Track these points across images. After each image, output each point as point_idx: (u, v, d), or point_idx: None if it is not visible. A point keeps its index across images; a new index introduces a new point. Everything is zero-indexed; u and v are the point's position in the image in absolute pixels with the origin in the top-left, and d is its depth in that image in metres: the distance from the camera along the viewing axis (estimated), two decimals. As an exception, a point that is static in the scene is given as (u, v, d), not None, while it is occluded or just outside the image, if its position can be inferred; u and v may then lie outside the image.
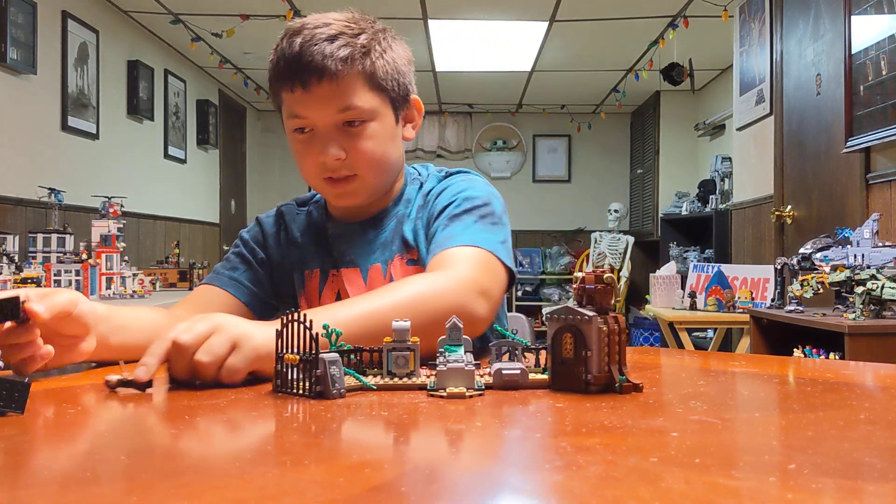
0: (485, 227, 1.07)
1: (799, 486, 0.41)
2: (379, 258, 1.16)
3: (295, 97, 1.06)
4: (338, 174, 1.09)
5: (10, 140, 3.65)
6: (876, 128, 2.67)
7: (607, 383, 0.69)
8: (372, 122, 1.09)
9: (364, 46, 1.07)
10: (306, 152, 1.09)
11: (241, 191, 7.41)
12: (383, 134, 1.11)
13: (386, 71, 1.10)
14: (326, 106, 1.05)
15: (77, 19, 4.21)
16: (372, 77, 1.08)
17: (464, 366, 0.69)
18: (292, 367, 0.69)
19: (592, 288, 0.70)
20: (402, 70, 1.13)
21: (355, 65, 1.06)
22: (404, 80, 1.14)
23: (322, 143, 1.07)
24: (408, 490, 0.41)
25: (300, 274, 1.20)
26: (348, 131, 1.07)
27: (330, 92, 1.05)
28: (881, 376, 0.85)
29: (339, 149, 1.06)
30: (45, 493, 0.42)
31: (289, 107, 1.08)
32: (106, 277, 3.39)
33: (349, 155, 1.07)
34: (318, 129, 1.07)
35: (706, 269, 3.78)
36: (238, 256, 1.22)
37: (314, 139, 1.08)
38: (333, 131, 1.07)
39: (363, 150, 1.08)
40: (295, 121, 1.08)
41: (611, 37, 5.24)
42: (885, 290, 2.02)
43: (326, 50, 1.04)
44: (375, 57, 1.08)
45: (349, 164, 1.08)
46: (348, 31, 1.07)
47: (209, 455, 0.50)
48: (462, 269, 0.97)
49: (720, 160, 5.68)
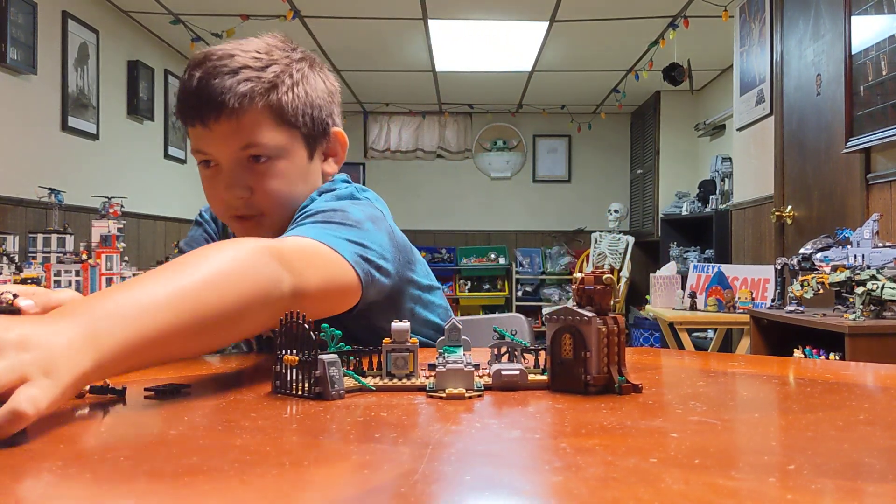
0: (325, 225, 0.93)
1: (799, 487, 0.41)
2: None
3: (196, 133, 1.03)
4: (243, 212, 1.05)
5: (11, 140, 3.65)
6: (876, 128, 2.67)
7: (607, 384, 0.68)
8: (279, 160, 1.04)
9: (269, 81, 1.02)
10: (212, 188, 1.06)
11: (241, 191, 7.41)
12: (292, 172, 1.06)
13: (295, 106, 1.04)
14: (227, 143, 1.01)
15: (77, 19, 4.21)
16: (279, 112, 1.03)
17: (463, 367, 0.69)
18: (291, 368, 0.69)
19: (592, 288, 0.70)
20: (316, 104, 1.07)
21: (257, 100, 1.00)
22: (320, 114, 1.08)
23: (226, 182, 1.02)
24: (407, 491, 0.41)
25: None
26: (254, 168, 1.03)
27: (230, 129, 1.00)
28: (881, 377, 0.84)
29: (243, 188, 1.02)
30: (45, 493, 0.41)
31: (193, 142, 1.05)
32: (106, 278, 3.39)
33: (255, 194, 1.03)
34: (221, 165, 1.03)
35: (706, 270, 3.78)
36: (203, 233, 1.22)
37: (219, 174, 1.04)
38: (237, 168, 1.02)
39: (269, 190, 1.03)
40: (199, 155, 1.05)
41: (611, 37, 5.24)
42: (886, 291, 2.02)
43: (226, 83, 0.99)
44: (283, 91, 1.03)
45: (254, 203, 1.04)
46: (254, 63, 1.02)
47: (208, 456, 0.50)
48: (270, 242, 0.80)
49: (720, 160, 5.68)
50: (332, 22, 5.01)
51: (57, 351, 0.54)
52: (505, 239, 7.83)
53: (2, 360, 0.51)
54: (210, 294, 0.68)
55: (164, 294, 0.65)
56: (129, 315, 0.61)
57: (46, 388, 0.52)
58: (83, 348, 0.56)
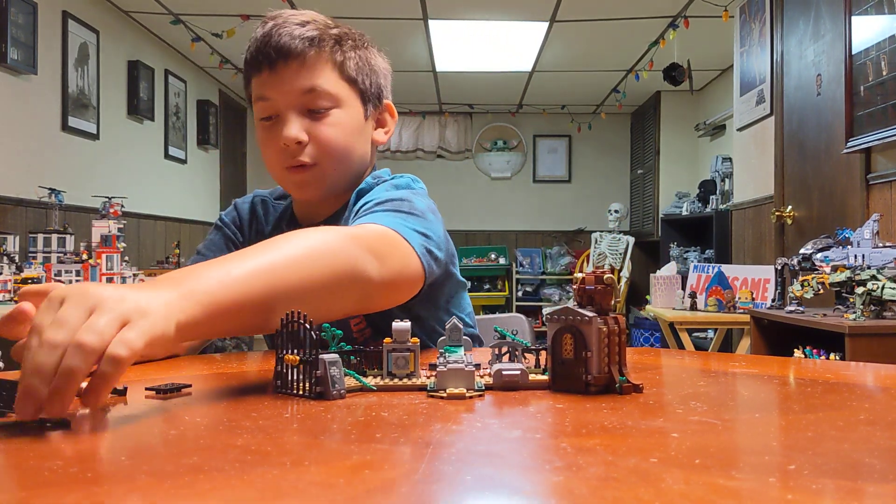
0: (396, 213, 0.96)
1: (799, 487, 0.41)
2: None
3: (262, 79, 1.06)
4: (297, 161, 1.06)
5: (11, 140, 3.65)
6: (876, 128, 2.67)
7: (607, 384, 0.68)
8: (336, 109, 1.07)
9: (335, 37, 1.07)
10: (270, 140, 1.08)
11: (241, 191, 7.41)
12: (348, 123, 1.09)
13: (357, 64, 1.09)
14: (291, 85, 1.04)
15: (77, 20, 4.22)
16: (341, 66, 1.07)
17: (464, 366, 0.69)
18: (292, 367, 0.69)
19: (592, 288, 0.70)
20: (376, 70, 1.12)
21: (323, 48, 1.05)
22: (377, 80, 1.13)
23: (285, 125, 1.05)
24: (408, 491, 0.41)
25: None
26: (312, 116, 1.06)
27: (295, 72, 1.04)
28: (882, 377, 0.84)
29: (298, 130, 1.05)
30: (45, 493, 0.42)
31: (256, 90, 1.07)
32: (106, 278, 3.39)
33: (310, 140, 1.06)
34: (281, 113, 1.06)
35: (706, 270, 3.78)
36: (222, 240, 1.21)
37: (276, 126, 1.07)
38: (296, 115, 1.05)
39: (325, 137, 1.06)
40: (261, 104, 1.07)
41: (611, 37, 5.24)
42: (886, 291, 2.02)
43: (295, 32, 1.04)
44: (347, 48, 1.08)
45: (310, 150, 1.06)
46: (321, 22, 1.07)
47: (209, 456, 0.50)
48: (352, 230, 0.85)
49: (720, 160, 5.68)
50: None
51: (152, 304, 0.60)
52: (505, 239, 7.83)
53: (104, 315, 0.55)
54: (289, 272, 0.73)
55: (243, 270, 0.70)
56: (209, 288, 0.66)
57: (140, 328, 0.57)
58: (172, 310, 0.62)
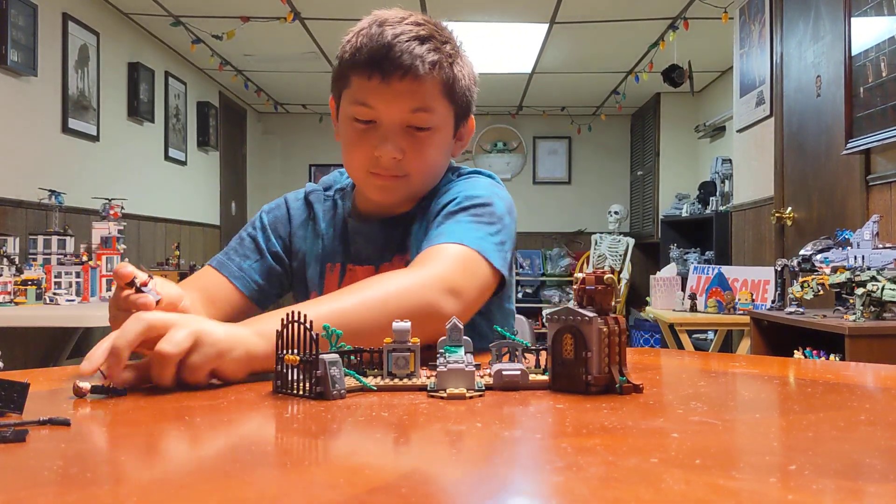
0: (478, 225, 1.03)
1: (799, 487, 0.41)
2: (392, 258, 1.15)
3: (370, 85, 1.04)
4: (387, 172, 1.07)
5: (11, 142, 3.65)
6: (876, 129, 2.67)
7: (608, 384, 0.68)
8: (437, 131, 1.08)
9: (449, 56, 1.07)
10: (361, 142, 1.07)
11: (241, 193, 7.41)
12: (442, 143, 1.11)
13: (462, 84, 1.10)
14: (401, 102, 1.04)
15: (78, 21, 4.22)
16: (450, 87, 1.08)
17: (464, 367, 0.69)
18: (292, 367, 0.69)
19: (593, 289, 0.70)
20: (471, 87, 1.13)
21: (437, 71, 1.05)
22: (470, 96, 1.13)
23: (382, 139, 1.05)
24: (408, 491, 0.41)
25: (321, 267, 1.17)
26: (412, 134, 1.06)
27: (408, 91, 1.04)
28: (881, 377, 0.84)
29: (398, 149, 1.05)
30: (45, 493, 0.41)
31: (357, 93, 1.06)
32: (106, 279, 3.39)
33: (406, 157, 1.06)
34: (382, 123, 1.06)
35: (706, 271, 3.78)
36: (253, 242, 1.19)
37: (373, 132, 1.06)
38: (397, 130, 1.06)
39: (422, 157, 1.07)
40: (360, 108, 1.06)
41: (611, 39, 5.24)
42: (886, 292, 2.02)
43: (416, 50, 1.03)
44: (458, 68, 1.08)
45: (403, 165, 1.07)
46: (438, 36, 1.07)
47: (210, 456, 0.50)
48: (435, 267, 0.93)
49: (720, 162, 5.68)
50: (332, 24, 5.01)
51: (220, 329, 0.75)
52: (505, 240, 7.82)
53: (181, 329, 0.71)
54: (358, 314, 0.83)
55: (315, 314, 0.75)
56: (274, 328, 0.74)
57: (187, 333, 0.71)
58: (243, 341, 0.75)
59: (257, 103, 7.46)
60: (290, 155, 8.05)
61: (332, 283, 1.16)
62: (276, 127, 8.03)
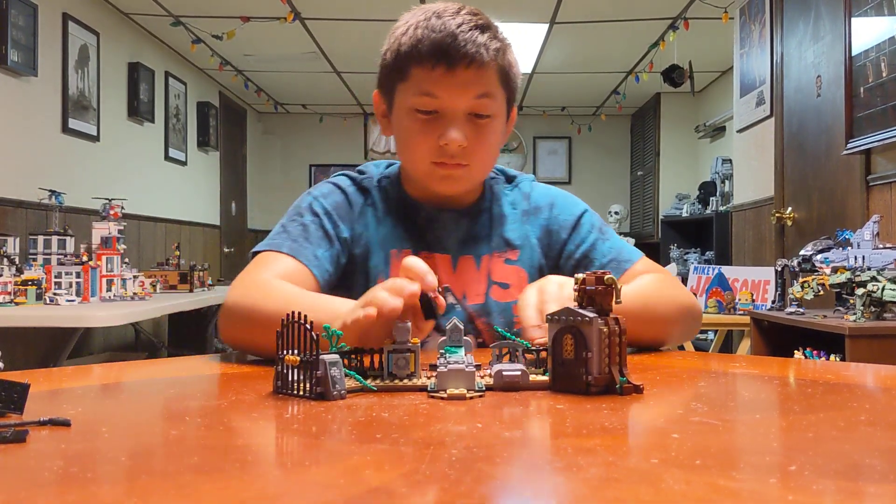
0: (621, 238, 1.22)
1: (800, 488, 0.41)
2: (471, 250, 1.16)
3: (433, 76, 1.05)
4: (452, 160, 1.08)
5: (11, 142, 3.65)
6: (876, 129, 2.67)
7: (608, 384, 0.68)
8: (495, 119, 1.10)
9: (505, 43, 1.10)
10: (424, 133, 1.08)
11: (241, 193, 7.41)
12: (499, 130, 1.13)
13: (514, 71, 1.12)
14: (465, 91, 1.06)
15: (78, 21, 4.22)
16: (506, 74, 1.10)
17: (464, 367, 0.69)
18: (293, 368, 0.69)
19: (593, 289, 0.70)
20: (519, 75, 1.15)
21: (498, 58, 1.07)
22: (517, 83, 1.15)
23: (446, 127, 1.06)
24: (408, 492, 0.41)
25: (386, 253, 1.15)
26: (474, 122, 1.08)
27: (473, 79, 1.05)
28: (882, 378, 0.84)
29: (463, 136, 1.06)
30: (45, 493, 0.41)
31: (420, 84, 1.07)
32: (106, 279, 3.39)
33: (470, 144, 1.07)
34: (445, 112, 1.07)
35: (707, 271, 3.78)
36: (321, 230, 1.13)
37: (435, 121, 1.07)
38: (461, 118, 1.07)
39: (485, 144, 1.09)
40: (424, 99, 1.07)
41: (611, 39, 5.24)
42: (886, 292, 2.02)
43: (479, 38, 1.05)
44: (510, 55, 1.11)
45: (467, 153, 1.08)
46: (492, 25, 1.09)
47: (210, 456, 0.50)
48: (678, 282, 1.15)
49: (721, 162, 5.68)
50: (333, 24, 5.01)
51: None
52: (505, 241, 7.82)
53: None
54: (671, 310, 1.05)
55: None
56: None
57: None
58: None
59: (257, 103, 7.46)
60: (290, 155, 8.05)
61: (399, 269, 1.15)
62: (276, 127, 8.03)
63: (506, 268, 1.15)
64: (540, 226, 1.19)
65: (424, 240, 1.16)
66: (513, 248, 1.16)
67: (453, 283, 1.12)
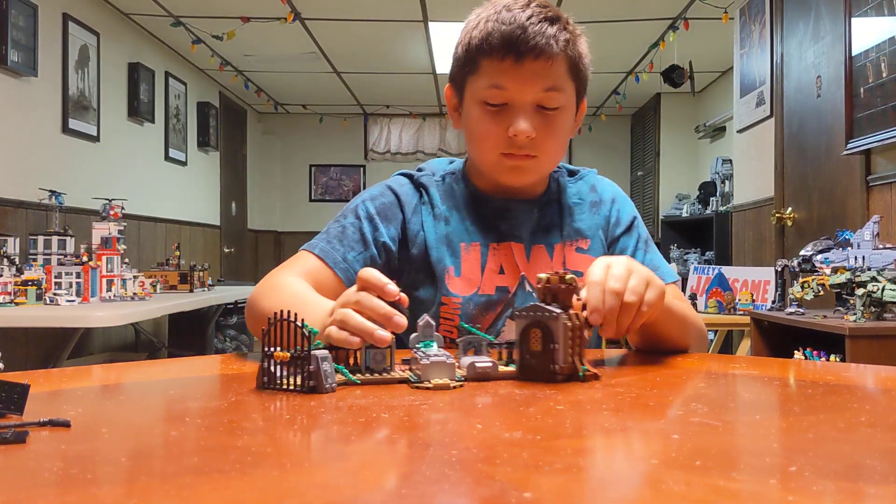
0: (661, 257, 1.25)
1: (800, 489, 0.41)
2: (542, 239, 1.17)
3: (503, 67, 1.06)
4: (522, 152, 1.09)
5: (11, 142, 3.65)
6: (876, 130, 2.67)
7: (571, 373, 0.75)
8: (564, 111, 1.10)
9: (575, 34, 1.10)
10: (493, 124, 1.09)
11: (241, 193, 7.41)
12: (568, 122, 1.13)
13: (585, 62, 1.13)
14: (534, 83, 1.06)
15: (78, 22, 4.22)
16: (576, 66, 1.10)
17: (445, 359, 0.74)
18: (279, 364, 0.71)
19: (557, 287, 0.77)
20: (589, 66, 1.15)
21: (568, 49, 1.08)
22: (587, 74, 1.15)
23: (515, 118, 1.07)
24: (408, 492, 0.41)
25: (454, 248, 1.15)
26: (543, 113, 1.08)
27: (542, 70, 1.06)
28: (882, 378, 0.84)
29: (531, 127, 1.07)
30: (45, 494, 0.42)
31: (490, 76, 1.08)
32: (106, 280, 3.39)
33: (538, 135, 1.08)
34: (514, 104, 1.07)
35: (706, 271, 3.78)
36: (358, 233, 1.14)
37: (504, 113, 1.08)
38: (530, 109, 1.07)
39: (553, 136, 1.10)
40: (493, 91, 1.08)
41: (611, 39, 5.24)
42: (886, 293, 2.02)
43: (548, 30, 1.06)
44: (581, 47, 1.11)
45: (536, 144, 1.08)
46: (562, 16, 1.10)
47: (209, 457, 0.50)
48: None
49: (721, 162, 5.68)
50: (333, 24, 5.02)
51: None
52: (505, 241, 7.82)
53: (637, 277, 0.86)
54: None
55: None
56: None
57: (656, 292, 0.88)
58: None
59: (257, 103, 7.46)
60: (290, 155, 8.04)
61: (473, 262, 1.14)
62: (276, 127, 8.03)
63: (579, 257, 1.17)
64: (604, 216, 1.22)
65: (496, 231, 1.17)
66: (584, 238, 1.19)
67: (528, 272, 1.13)
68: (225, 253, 6.76)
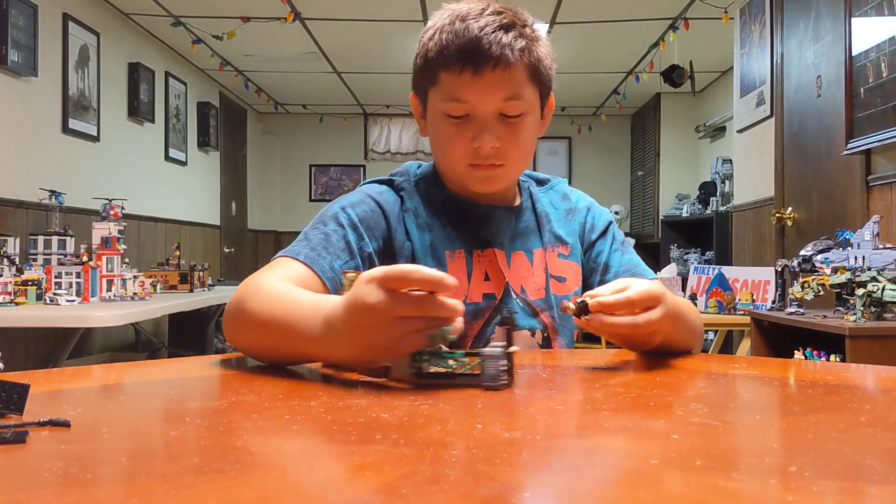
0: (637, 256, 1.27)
1: (800, 489, 0.41)
2: (521, 246, 1.17)
3: (461, 80, 1.05)
4: (487, 161, 1.09)
5: (11, 142, 3.65)
6: (876, 130, 2.67)
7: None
8: (527, 116, 1.10)
9: (532, 38, 1.09)
10: (457, 137, 1.09)
11: (241, 193, 7.41)
12: (533, 126, 1.13)
13: (545, 64, 1.11)
14: (494, 93, 1.06)
15: (78, 22, 4.22)
16: (536, 70, 1.09)
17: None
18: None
19: None
20: (552, 65, 1.15)
21: (525, 56, 1.07)
22: (551, 73, 1.15)
23: (478, 130, 1.07)
24: (408, 492, 0.41)
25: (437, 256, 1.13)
26: (506, 122, 1.08)
27: (501, 80, 1.05)
28: (882, 379, 0.84)
29: (495, 138, 1.07)
30: (45, 494, 0.42)
31: (448, 89, 1.07)
32: (106, 280, 3.40)
33: (503, 145, 1.08)
34: (476, 115, 1.07)
35: (707, 271, 3.78)
36: (343, 241, 1.09)
37: (467, 124, 1.08)
38: (492, 119, 1.07)
39: (518, 142, 1.09)
40: (453, 104, 1.07)
41: (611, 39, 5.24)
42: (886, 293, 2.02)
43: (504, 39, 1.04)
44: (540, 49, 1.10)
45: (501, 153, 1.08)
46: (518, 21, 1.08)
47: (210, 457, 0.50)
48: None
49: (721, 162, 5.68)
50: (333, 24, 5.02)
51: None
52: (505, 241, 7.82)
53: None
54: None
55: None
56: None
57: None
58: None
59: (257, 103, 7.46)
60: (290, 155, 8.05)
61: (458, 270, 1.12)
62: (276, 127, 8.03)
63: (561, 262, 1.18)
64: (579, 223, 1.23)
65: (477, 237, 1.15)
66: (564, 244, 1.20)
67: (509, 278, 1.14)
68: (225, 253, 6.76)
